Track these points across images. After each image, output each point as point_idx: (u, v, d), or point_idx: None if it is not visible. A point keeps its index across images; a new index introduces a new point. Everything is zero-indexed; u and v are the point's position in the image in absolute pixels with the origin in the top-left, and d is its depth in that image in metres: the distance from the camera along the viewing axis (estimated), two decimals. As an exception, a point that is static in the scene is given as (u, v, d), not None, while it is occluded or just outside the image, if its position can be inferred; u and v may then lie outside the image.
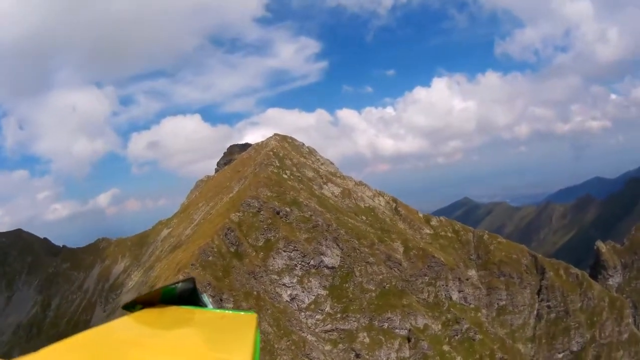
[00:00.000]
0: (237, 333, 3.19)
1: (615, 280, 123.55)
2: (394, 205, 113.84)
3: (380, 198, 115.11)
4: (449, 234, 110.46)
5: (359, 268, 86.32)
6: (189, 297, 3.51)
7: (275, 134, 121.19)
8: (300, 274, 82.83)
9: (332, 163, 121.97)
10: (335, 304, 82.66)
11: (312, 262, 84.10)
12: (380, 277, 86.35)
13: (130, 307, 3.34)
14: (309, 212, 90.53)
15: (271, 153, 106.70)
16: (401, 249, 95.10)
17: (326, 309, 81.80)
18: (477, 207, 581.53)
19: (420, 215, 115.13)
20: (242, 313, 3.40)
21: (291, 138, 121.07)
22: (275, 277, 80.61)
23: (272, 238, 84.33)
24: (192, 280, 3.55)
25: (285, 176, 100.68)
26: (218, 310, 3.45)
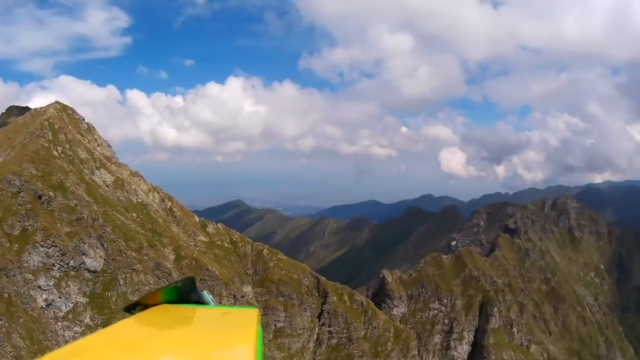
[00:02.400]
0: (239, 329, 3.50)
1: (399, 310, 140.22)
2: (169, 204, 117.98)
3: (155, 194, 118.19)
4: (226, 244, 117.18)
5: (124, 275, 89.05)
6: (189, 295, 3.88)
7: (56, 102, 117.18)
8: (58, 276, 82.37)
9: (109, 146, 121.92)
10: (97, 315, 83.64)
11: (72, 263, 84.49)
12: (147, 287, 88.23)
13: (132, 308, 3.75)
14: (75, 201, 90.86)
15: (46, 123, 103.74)
16: (172, 257, 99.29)
17: (86, 320, 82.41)
18: (249, 210, 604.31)
19: (197, 219, 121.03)
20: (244, 309, 3.75)
21: (72, 109, 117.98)
22: (30, 276, 79.23)
23: (30, 228, 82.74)
24: (191, 278, 3.92)
25: (55, 153, 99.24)
26: (220, 307, 3.86)
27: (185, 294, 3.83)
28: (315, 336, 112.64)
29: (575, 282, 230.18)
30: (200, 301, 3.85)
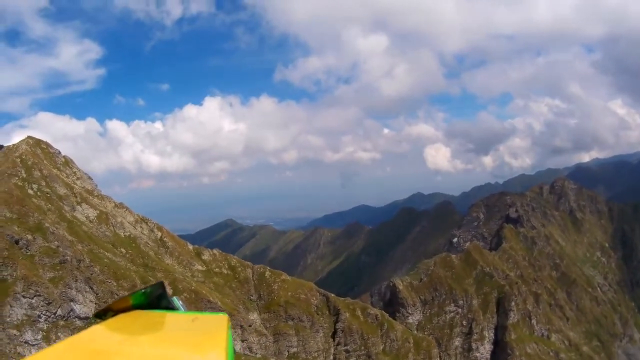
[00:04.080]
0: (210, 334, 3.50)
1: (415, 318, 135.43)
2: (159, 234, 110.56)
3: (144, 225, 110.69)
4: (225, 271, 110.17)
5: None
6: (159, 300, 3.87)
7: (29, 137, 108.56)
8: (45, 328, 73.72)
9: (90, 178, 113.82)
10: None
11: (59, 312, 75.92)
12: None
13: (102, 314, 3.67)
14: (56, 242, 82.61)
15: (18, 160, 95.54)
16: (169, 292, 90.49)
17: None
18: (241, 229, 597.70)
19: (190, 247, 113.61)
20: (213, 314, 3.72)
21: (46, 143, 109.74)
22: (15, 332, 70.74)
23: (9, 278, 74.14)
24: (161, 284, 3.92)
25: (31, 191, 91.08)
26: (189, 313, 3.80)
27: (155, 299, 3.89)
28: (331, 357, 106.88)
29: (583, 264, 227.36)
30: (170, 307, 3.90)
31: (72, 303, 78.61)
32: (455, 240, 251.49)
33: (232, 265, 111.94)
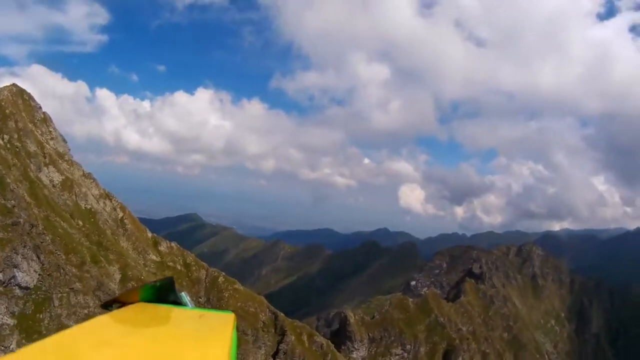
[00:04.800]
0: (215, 331, 3.53)
1: (359, 354, 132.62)
2: (121, 215, 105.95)
3: (107, 201, 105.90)
4: (179, 267, 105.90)
5: (59, 295, 76.00)
6: (167, 295, 3.88)
7: (14, 84, 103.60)
8: None
9: (64, 141, 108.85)
10: (24, 341, 69.77)
11: (0, 276, 71.46)
12: (86, 311, 76.39)
13: (109, 305, 3.66)
14: (13, 201, 78.11)
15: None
16: (118, 277, 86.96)
17: (11, 346, 68.79)
18: (204, 226, 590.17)
19: (149, 235, 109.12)
20: (221, 312, 3.71)
21: (29, 95, 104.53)
22: None
23: (-48, 227, 69.75)
24: (170, 279, 3.96)
25: (1, 142, 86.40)
26: (196, 309, 3.82)
27: (164, 293, 3.93)
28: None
29: (535, 330, 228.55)
30: (178, 302, 3.95)
31: (15, 269, 73.89)
32: (413, 283, 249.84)
33: (187, 263, 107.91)
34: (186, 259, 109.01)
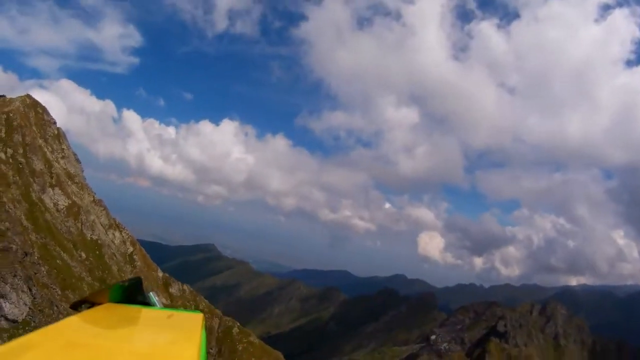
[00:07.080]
0: (184, 331, 3.50)
1: None
2: (131, 249, 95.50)
3: (117, 233, 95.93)
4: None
5: (45, 338, 64.88)
6: (136, 295, 3.83)
7: (27, 95, 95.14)
8: None
9: (78, 161, 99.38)
10: None
11: (-18, 308, 60.66)
12: None
13: (78, 306, 3.70)
14: (7, 223, 67.74)
15: (4, 117, 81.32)
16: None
17: None
18: (220, 257, 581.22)
19: (160, 275, 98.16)
20: (189, 312, 3.73)
21: (43, 108, 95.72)
22: None
23: None
24: (139, 279, 3.89)
25: (2, 155, 76.70)
26: (165, 309, 3.79)
27: (132, 294, 3.88)
28: None
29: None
30: (146, 302, 3.90)
31: (1, 299, 63.11)
32: (433, 337, 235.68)
33: (199, 308, 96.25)
34: (199, 303, 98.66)
